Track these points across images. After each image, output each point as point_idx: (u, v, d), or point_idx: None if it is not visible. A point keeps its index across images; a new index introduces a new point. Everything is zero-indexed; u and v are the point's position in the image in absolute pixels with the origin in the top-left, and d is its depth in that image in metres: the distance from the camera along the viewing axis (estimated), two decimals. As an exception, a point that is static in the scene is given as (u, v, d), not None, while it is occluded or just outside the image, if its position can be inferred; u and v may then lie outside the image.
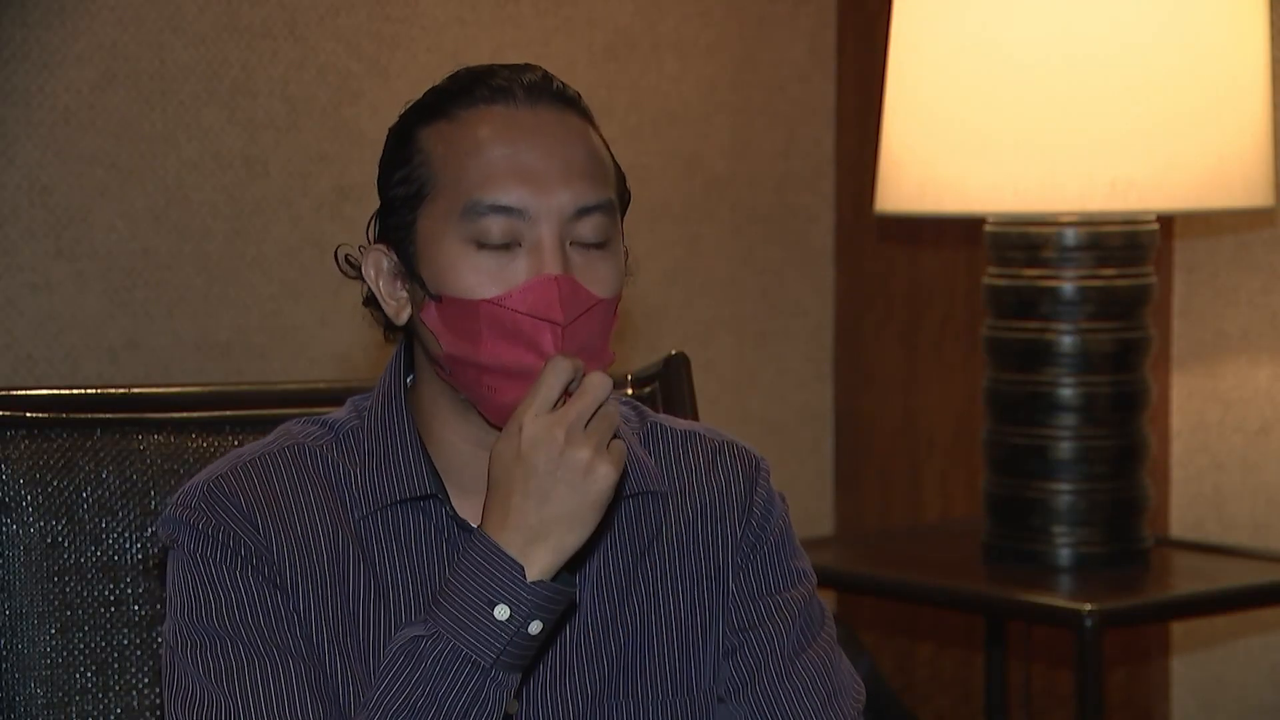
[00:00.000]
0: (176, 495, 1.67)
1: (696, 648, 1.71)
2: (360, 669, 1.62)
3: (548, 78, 1.63)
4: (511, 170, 1.58)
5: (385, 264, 1.65)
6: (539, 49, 3.19)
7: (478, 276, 1.58)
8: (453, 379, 1.63)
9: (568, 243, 1.59)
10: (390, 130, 1.67)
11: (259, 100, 2.93)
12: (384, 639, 1.63)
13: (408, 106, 1.67)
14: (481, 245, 1.58)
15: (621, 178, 1.67)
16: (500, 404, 1.60)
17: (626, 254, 1.65)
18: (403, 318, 1.65)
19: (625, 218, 1.67)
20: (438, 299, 1.60)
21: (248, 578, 1.61)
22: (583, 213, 1.59)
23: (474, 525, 1.64)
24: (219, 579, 1.61)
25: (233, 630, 1.60)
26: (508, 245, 1.58)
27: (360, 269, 1.67)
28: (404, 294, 1.64)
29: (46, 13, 2.75)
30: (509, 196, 1.58)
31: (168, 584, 1.65)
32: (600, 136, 1.65)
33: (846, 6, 3.54)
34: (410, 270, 1.62)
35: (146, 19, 2.83)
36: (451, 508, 1.65)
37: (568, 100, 1.63)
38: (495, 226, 1.58)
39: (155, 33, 2.84)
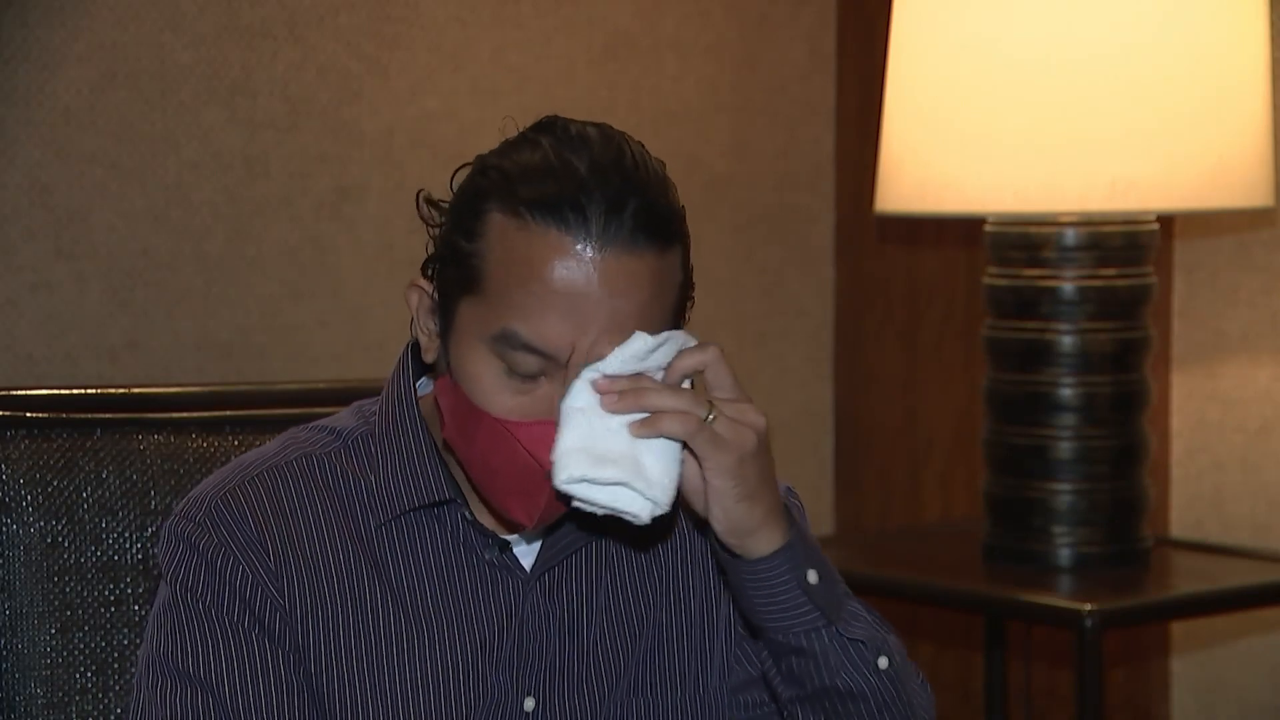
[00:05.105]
0: (181, 506, 1.64)
1: (707, 645, 1.71)
2: (375, 683, 1.60)
3: (638, 213, 1.55)
4: (559, 318, 1.52)
5: (426, 302, 1.61)
6: (539, 49, 3.19)
7: (498, 395, 1.55)
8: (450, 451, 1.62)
9: None
10: (463, 186, 1.59)
11: (259, 100, 2.93)
12: (402, 650, 1.61)
13: (489, 162, 1.57)
14: (510, 371, 1.55)
15: (685, 295, 1.61)
16: (486, 495, 1.60)
17: None
18: (430, 357, 1.62)
19: None
20: (454, 383, 1.58)
21: (238, 626, 1.59)
22: None
23: (489, 529, 1.64)
24: (208, 627, 1.59)
25: (206, 681, 1.58)
26: (535, 376, 1.55)
27: (432, 216, 1.62)
28: (436, 333, 1.61)
29: (46, 13, 2.75)
30: (548, 342, 1.53)
31: (156, 604, 1.64)
32: (679, 261, 1.58)
33: (846, 6, 3.54)
34: (442, 332, 1.59)
35: (146, 19, 2.83)
36: (470, 512, 1.64)
37: (646, 244, 1.55)
38: (527, 363, 1.54)
39: (155, 33, 2.84)
